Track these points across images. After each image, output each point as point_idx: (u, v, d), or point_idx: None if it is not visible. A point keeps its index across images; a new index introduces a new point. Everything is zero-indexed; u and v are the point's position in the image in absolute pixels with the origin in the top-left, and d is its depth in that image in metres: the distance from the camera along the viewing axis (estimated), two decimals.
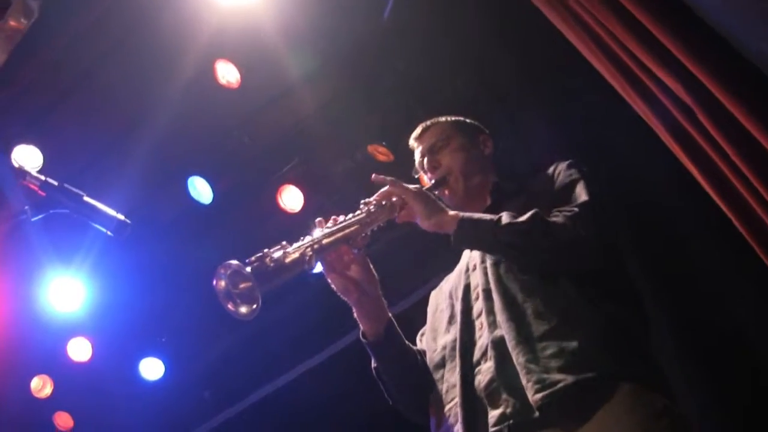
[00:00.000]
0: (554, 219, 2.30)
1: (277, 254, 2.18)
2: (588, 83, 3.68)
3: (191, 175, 4.80)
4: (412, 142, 2.89)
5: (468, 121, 2.90)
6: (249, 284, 2.11)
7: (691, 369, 3.48)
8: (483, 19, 4.18)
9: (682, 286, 3.60)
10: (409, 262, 4.61)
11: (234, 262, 2.11)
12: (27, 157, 4.50)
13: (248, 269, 2.09)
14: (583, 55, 3.35)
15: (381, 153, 4.74)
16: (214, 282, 2.14)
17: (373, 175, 2.52)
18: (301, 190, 4.83)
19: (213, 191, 4.79)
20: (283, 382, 5.59)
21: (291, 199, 4.84)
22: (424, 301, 2.77)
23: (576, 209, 2.32)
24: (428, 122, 2.87)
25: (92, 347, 5.33)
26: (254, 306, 2.10)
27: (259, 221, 4.93)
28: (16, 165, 2.50)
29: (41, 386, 5.56)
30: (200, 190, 4.81)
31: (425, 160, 2.79)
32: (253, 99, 4.59)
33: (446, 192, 2.72)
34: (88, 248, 4.68)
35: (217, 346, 5.51)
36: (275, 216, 4.81)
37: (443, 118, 2.87)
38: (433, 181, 2.73)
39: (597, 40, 3.11)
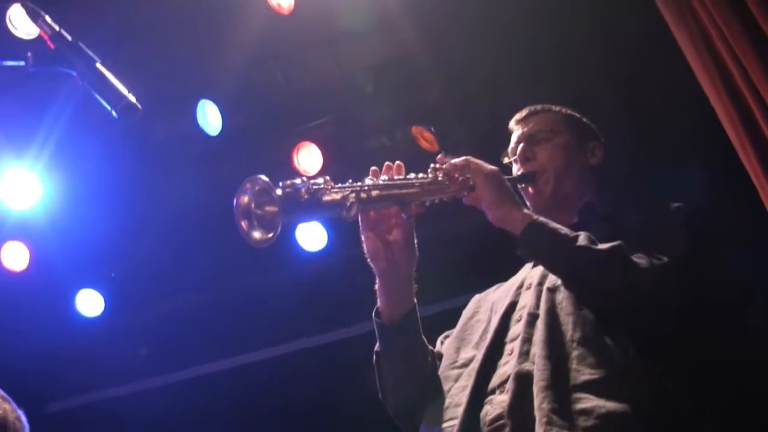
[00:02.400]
0: (638, 261, 2.25)
1: (316, 187, 2.14)
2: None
3: (204, 98, 4.71)
4: (512, 123, 2.86)
5: (584, 120, 2.87)
6: (274, 209, 2.07)
7: None
8: (593, 36, 4.17)
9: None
10: (465, 261, 4.58)
11: (265, 178, 2.08)
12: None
13: (279, 192, 2.06)
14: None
15: (425, 139, 4.70)
16: (236, 196, 2.12)
17: (439, 156, 2.49)
18: (322, 153, 4.78)
19: (223, 123, 4.72)
20: (231, 365, 5.57)
21: (308, 159, 4.79)
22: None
23: (666, 260, 2.27)
24: (538, 106, 2.85)
25: (30, 258, 5.24)
26: (269, 235, 2.07)
27: (264, 173, 4.87)
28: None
29: None
30: (209, 117, 4.72)
31: (520, 147, 2.76)
32: (301, 33, 4.52)
33: (530, 190, 2.70)
34: (45, 137, 4.55)
35: (171, 301, 5.46)
36: (284, 173, 4.71)
37: (556, 108, 2.85)
38: (520, 173, 2.71)
39: (721, 70, 3.08)
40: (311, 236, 5.05)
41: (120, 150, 4.74)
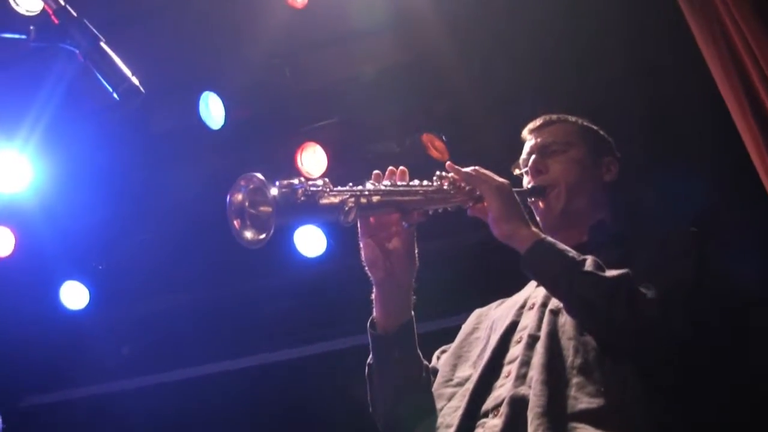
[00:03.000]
0: (644, 291, 2.23)
1: (314, 189, 2.10)
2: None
3: (207, 90, 4.66)
4: (526, 132, 2.82)
5: (601, 133, 2.83)
6: (268, 209, 2.04)
7: None
8: (615, 43, 4.15)
9: None
10: (466, 277, 4.54)
11: (260, 176, 2.05)
12: None
13: (274, 192, 2.02)
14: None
15: (436, 148, 4.66)
16: (230, 193, 2.09)
17: (448, 163, 2.45)
18: (327, 155, 4.73)
19: (226, 117, 4.67)
20: (219, 369, 5.52)
21: (312, 160, 4.74)
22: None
23: (673, 289, 2.26)
24: (554, 116, 2.81)
25: (15, 244, 5.19)
26: (262, 236, 2.04)
27: (266, 173, 4.83)
28: None
29: None
30: (212, 110, 4.67)
31: (532, 158, 2.72)
32: (314, 29, 4.48)
33: (540, 205, 2.67)
34: (37, 118, 4.49)
35: (161, 299, 5.41)
36: (287, 173, 4.69)
37: (573, 119, 2.81)
38: (530, 186, 2.68)
39: (742, 74, 3.05)
40: (310, 241, 5.02)
41: (116, 136, 4.70)
